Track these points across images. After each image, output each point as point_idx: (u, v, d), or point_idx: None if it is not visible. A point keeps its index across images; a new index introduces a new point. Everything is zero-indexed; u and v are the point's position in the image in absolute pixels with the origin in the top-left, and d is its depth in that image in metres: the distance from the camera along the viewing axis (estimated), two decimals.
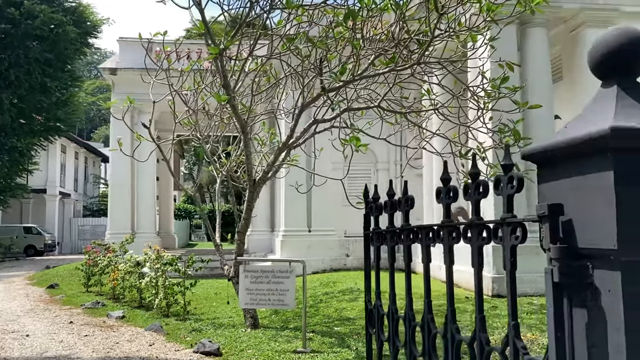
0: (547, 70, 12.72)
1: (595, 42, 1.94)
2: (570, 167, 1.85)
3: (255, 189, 9.36)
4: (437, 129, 10.32)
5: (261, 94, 10.37)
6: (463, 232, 2.43)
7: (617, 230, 1.65)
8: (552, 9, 12.48)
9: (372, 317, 3.48)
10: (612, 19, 12.68)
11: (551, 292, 1.82)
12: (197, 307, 11.23)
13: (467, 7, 8.55)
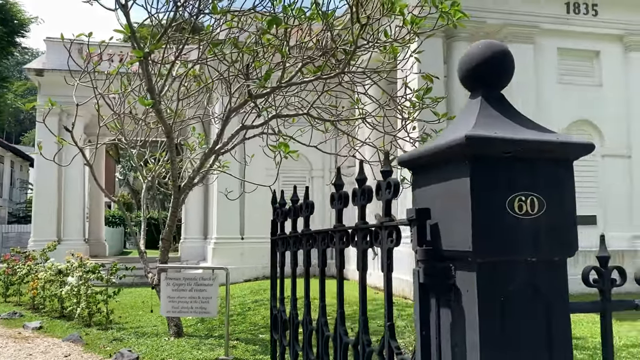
0: None
1: (463, 56, 2.04)
2: (437, 174, 1.93)
3: (180, 195, 9.22)
4: (367, 138, 10.50)
5: (188, 98, 10.27)
6: (351, 236, 2.49)
7: (472, 233, 1.74)
8: (476, 24, 12.96)
9: (277, 323, 3.51)
10: (533, 35, 13.29)
11: (417, 292, 1.89)
12: (122, 316, 10.95)
13: (392, 18, 8.76)
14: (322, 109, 9.59)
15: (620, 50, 14.07)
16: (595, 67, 14.07)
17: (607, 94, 13.91)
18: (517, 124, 1.90)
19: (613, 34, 13.96)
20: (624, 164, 13.86)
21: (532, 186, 1.81)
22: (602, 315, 2.04)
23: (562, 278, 1.85)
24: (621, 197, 13.76)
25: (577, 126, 13.79)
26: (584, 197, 13.65)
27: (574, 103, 13.65)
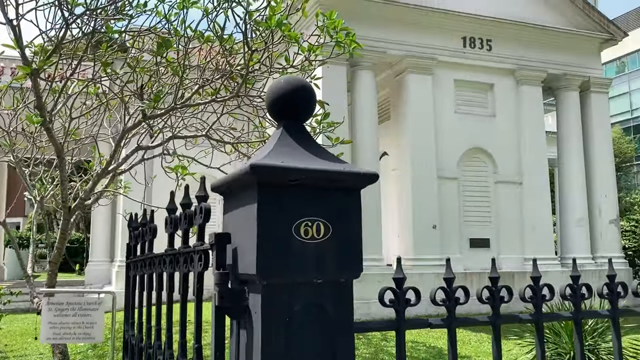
0: (373, 109, 13.61)
1: (267, 90, 2.16)
2: (237, 200, 2.02)
3: (70, 216, 8.90)
4: None
5: (85, 117, 10.00)
6: (176, 260, 2.53)
7: (256, 257, 1.83)
8: (378, 54, 13.45)
9: (127, 347, 3.48)
10: (431, 67, 13.94)
11: (214, 315, 1.96)
12: (8, 345, 10.37)
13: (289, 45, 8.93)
14: (222, 131, 9.60)
15: (512, 84, 15.01)
16: (490, 98, 14.93)
17: (500, 125, 14.77)
18: (311, 154, 2.02)
19: (506, 68, 14.88)
20: (515, 190, 14.69)
21: (318, 212, 1.93)
22: (397, 333, 2.18)
23: (347, 298, 1.97)
24: (513, 222, 14.55)
25: (472, 154, 14.52)
26: (479, 221, 14.34)
27: (469, 132, 14.38)
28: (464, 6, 14.32)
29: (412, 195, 13.54)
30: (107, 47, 8.64)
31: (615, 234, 15.55)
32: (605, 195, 15.42)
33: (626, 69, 45.99)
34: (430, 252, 13.37)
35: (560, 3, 15.47)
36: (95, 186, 9.40)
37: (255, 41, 7.67)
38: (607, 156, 15.76)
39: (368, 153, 13.36)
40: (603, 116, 15.96)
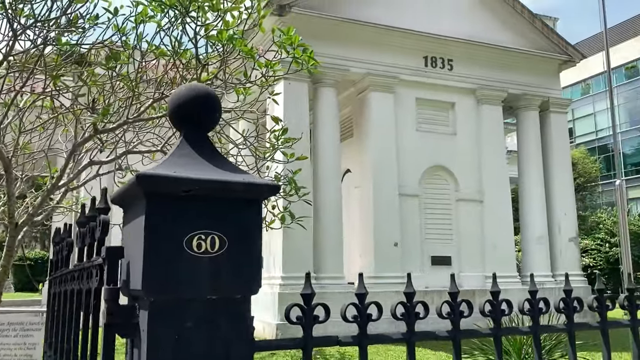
0: (335, 126, 13.63)
1: (171, 96, 2.08)
2: (131, 212, 1.92)
3: (17, 233, 8.63)
4: None
5: (38, 131, 9.76)
6: (80, 275, 2.41)
7: (143, 272, 1.73)
8: (340, 72, 13.50)
9: None
10: (392, 85, 14.05)
11: (104, 333, 1.85)
12: None
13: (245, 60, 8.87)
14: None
15: (473, 103, 15.21)
16: (451, 117, 15.09)
17: (461, 143, 14.92)
18: (210, 164, 1.94)
19: (467, 88, 15.09)
20: (476, 208, 14.81)
21: (213, 225, 1.84)
22: (304, 351, 2.10)
23: (244, 316, 1.87)
24: (474, 239, 14.64)
25: (433, 171, 14.62)
26: (441, 239, 14.39)
27: (430, 150, 14.49)
28: (425, 26, 14.50)
29: (373, 212, 13.53)
30: (59, 59, 8.47)
31: (575, 252, 15.76)
32: (565, 214, 15.64)
33: (591, 90, 47.18)
34: (391, 270, 13.33)
35: (520, 25, 15.79)
36: (44, 202, 9.16)
37: (210, 56, 7.60)
38: (566, 175, 16.02)
39: (329, 170, 13.35)
40: (562, 136, 16.26)
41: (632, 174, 43.01)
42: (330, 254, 13.02)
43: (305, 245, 12.64)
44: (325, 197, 13.20)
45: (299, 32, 13.19)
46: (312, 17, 13.14)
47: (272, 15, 12.86)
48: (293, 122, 12.89)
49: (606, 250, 31.59)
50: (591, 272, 32.28)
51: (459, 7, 15.31)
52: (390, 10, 14.40)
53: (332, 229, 13.16)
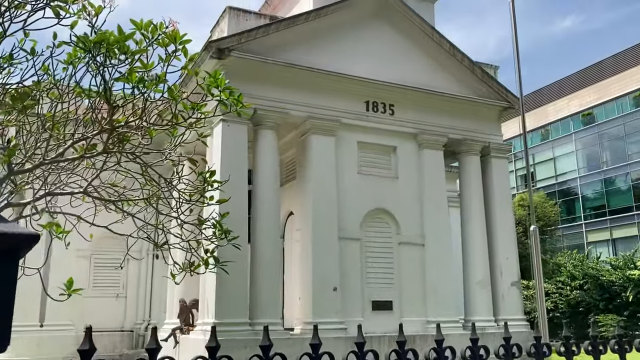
0: (274, 169, 13.62)
1: None
2: None
3: None
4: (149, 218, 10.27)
5: None
6: None
7: None
8: (281, 115, 13.59)
9: None
10: (334, 128, 14.16)
11: None
12: None
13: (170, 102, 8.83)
14: (103, 188, 9.30)
15: (414, 147, 15.39)
16: (393, 160, 15.22)
17: (403, 186, 15.02)
18: None
19: (408, 132, 15.29)
20: (418, 252, 14.80)
21: None
22: None
23: None
24: (416, 283, 14.58)
25: (375, 215, 14.63)
26: (382, 283, 14.31)
27: (372, 193, 14.54)
28: (367, 72, 14.75)
29: (312, 256, 13.40)
30: None
31: (517, 296, 15.77)
32: (507, 258, 15.73)
33: (550, 136, 48.22)
34: (330, 316, 13.14)
35: (461, 72, 16.17)
36: None
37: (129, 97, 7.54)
38: (508, 219, 16.17)
39: (268, 213, 13.25)
40: (503, 180, 16.48)
41: (591, 217, 43.72)
42: (267, 299, 12.79)
43: (240, 290, 12.42)
44: (263, 241, 13.07)
45: (239, 76, 13.42)
46: (253, 61, 13.26)
47: (211, 58, 12.97)
48: (231, 164, 12.90)
49: (567, 293, 31.79)
50: (553, 315, 32.40)
51: (402, 55, 15.64)
52: (336, 56, 14.63)
53: (269, 273, 12.98)
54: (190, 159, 8.72)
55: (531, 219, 10.68)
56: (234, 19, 13.77)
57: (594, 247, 41.79)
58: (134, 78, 7.49)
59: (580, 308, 30.91)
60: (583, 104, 45.74)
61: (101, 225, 9.60)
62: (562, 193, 45.92)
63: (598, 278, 31.19)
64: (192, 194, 9.74)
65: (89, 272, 17.04)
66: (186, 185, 9.85)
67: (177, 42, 8.35)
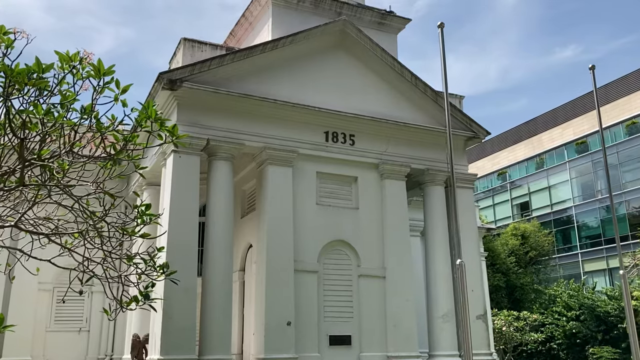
0: (228, 201, 13.45)
1: None
2: None
3: None
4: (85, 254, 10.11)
5: None
6: None
7: None
8: (235, 145, 13.47)
9: None
10: (291, 159, 14.01)
11: None
12: None
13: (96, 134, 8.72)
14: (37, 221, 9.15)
15: (376, 177, 15.19)
16: (353, 191, 15.02)
17: (364, 217, 14.78)
18: None
19: (369, 162, 15.11)
20: (379, 284, 14.47)
21: None
22: None
23: None
24: (376, 317, 14.23)
25: (334, 246, 14.37)
26: (340, 317, 13.99)
27: (331, 224, 14.31)
28: (327, 102, 14.66)
29: (265, 289, 13.12)
30: None
31: (483, 330, 15.33)
32: (472, 290, 15.31)
33: (545, 165, 47.96)
34: (283, 351, 12.79)
35: (424, 103, 16.05)
36: None
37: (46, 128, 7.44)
38: (473, 250, 15.82)
39: (220, 246, 13.02)
40: (468, 211, 16.18)
41: (587, 246, 43.14)
42: (217, 334, 12.49)
43: (188, 324, 12.13)
44: (215, 274, 12.82)
45: (192, 106, 13.29)
46: (206, 92, 13.19)
47: (163, 89, 12.92)
48: (182, 196, 12.74)
49: (563, 324, 31.11)
50: (549, 346, 31.68)
51: (363, 85, 15.57)
52: (295, 87, 14.57)
53: (220, 307, 12.69)
54: (106, 192, 8.55)
55: (456, 253, 10.34)
56: (189, 50, 13.76)
57: (590, 276, 41.14)
58: (39, 110, 7.39)
59: (577, 340, 30.21)
60: (577, 133, 45.59)
61: (44, 259, 9.43)
62: (557, 222, 45.44)
63: (594, 309, 30.54)
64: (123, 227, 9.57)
65: (50, 305, 16.79)
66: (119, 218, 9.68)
67: (101, 74, 8.25)
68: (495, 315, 29.28)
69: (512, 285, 36.91)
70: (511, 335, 28.01)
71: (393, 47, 16.58)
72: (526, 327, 29.30)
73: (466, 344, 8.95)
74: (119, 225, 9.65)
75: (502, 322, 28.18)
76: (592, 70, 13.67)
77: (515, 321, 28.81)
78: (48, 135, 8.32)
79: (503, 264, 37.00)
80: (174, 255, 12.25)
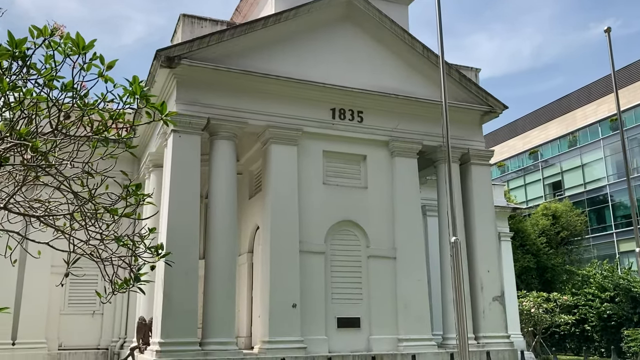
0: (231, 180, 13.10)
1: None
2: None
3: None
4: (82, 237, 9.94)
5: None
6: None
7: None
8: (237, 124, 13.07)
9: None
10: (296, 137, 13.54)
11: None
12: None
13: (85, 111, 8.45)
14: (27, 203, 8.95)
15: (386, 155, 14.61)
16: (362, 170, 14.48)
17: (373, 197, 14.25)
18: None
19: (379, 140, 14.53)
20: (389, 265, 13.98)
21: None
22: None
23: None
24: (386, 299, 13.76)
25: (342, 226, 13.91)
26: (349, 299, 13.59)
27: (339, 204, 13.84)
28: (334, 78, 14.11)
29: (270, 271, 12.76)
30: None
31: (500, 312, 14.67)
32: (488, 271, 14.72)
33: (578, 143, 46.44)
34: (288, 334, 12.46)
35: (437, 75, 15.30)
36: None
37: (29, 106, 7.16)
38: (489, 230, 15.15)
39: (223, 228, 12.69)
40: (484, 189, 15.48)
41: (622, 226, 41.72)
42: (220, 317, 12.21)
43: (190, 308, 11.87)
44: (218, 257, 12.50)
45: (191, 85, 12.84)
46: (206, 69, 12.79)
47: (162, 67, 12.58)
48: (181, 175, 12.44)
49: (597, 305, 30.12)
50: (582, 328, 30.77)
51: (373, 59, 14.94)
52: (299, 63, 14.05)
53: (224, 290, 12.39)
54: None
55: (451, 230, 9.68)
56: (188, 27, 13.36)
57: (625, 257, 39.81)
58: (5, 85, 7.06)
59: (612, 322, 29.23)
60: (612, 109, 43.87)
61: (42, 241, 9.22)
62: (591, 201, 44.03)
63: (629, 290, 29.42)
64: (110, 208, 9.28)
65: (64, 288, 16.77)
66: (111, 200, 9.40)
67: (80, 48, 7.86)
68: (524, 297, 28.51)
69: (543, 266, 35.93)
70: (540, 317, 27.21)
71: (404, 19, 15.83)
72: (556, 309, 28.42)
73: (460, 326, 8.44)
74: (108, 206, 9.36)
75: (530, 304, 27.39)
76: (607, 32, 12.77)
77: (544, 303, 27.95)
78: (30, 113, 8.02)
79: (533, 244, 36.02)
80: (174, 236, 12.00)
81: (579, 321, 30.89)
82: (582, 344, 31.97)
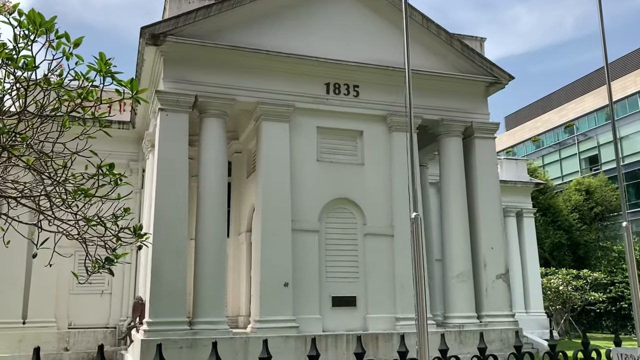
0: (221, 159, 12.91)
1: None
2: None
3: None
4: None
5: None
6: None
7: None
8: (226, 101, 12.84)
9: None
10: (287, 114, 13.23)
11: None
12: None
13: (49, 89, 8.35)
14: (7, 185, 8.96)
15: (383, 130, 14.17)
16: (359, 146, 14.08)
17: (370, 174, 13.87)
18: None
19: (376, 114, 14.08)
20: (387, 243, 13.62)
21: None
22: None
23: None
24: (384, 278, 13.43)
25: (337, 204, 13.60)
26: (344, 277, 13.33)
27: (334, 181, 13.51)
28: (327, 51, 13.69)
29: (261, 250, 12.59)
30: None
31: (504, 290, 14.15)
32: (491, 248, 14.18)
33: (616, 115, 44.64)
34: (280, 313, 12.30)
35: (438, 46, 14.72)
36: None
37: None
38: (493, 205, 14.57)
39: (213, 208, 12.54)
40: (489, 163, 14.86)
41: None
42: (209, 297, 12.12)
43: (178, 287, 11.81)
44: (207, 236, 12.38)
45: (178, 62, 12.60)
46: (192, 45, 12.56)
47: (147, 45, 12.40)
48: (169, 157, 12.31)
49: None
50: (620, 306, 29.80)
51: (368, 30, 14.42)
52: (291, 37, 13.66)
53: (213, 270, 12.29)
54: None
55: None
56: (175, 3, 13.12)
57: None
58: None
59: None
60: None
61: (30, 223, 9.21)
62: (629, 175, 42.38)
63: None
64: (80, 188, 9.19)
65: (73, 268, 16.99)
66: (84, 178, 9.30)
67: (37, 24, 7.65)
68: (553, 274, 27.63)
69: (576, 243, 34.78)
70: (569, 295, 26.27)
71: None
72: (586, 286, 27.41)
73: (420, 307, 8.02)
74: (81, 185, 9.26)
75: (559, 281, 26.48)
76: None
77: (574, 280, 26.99)
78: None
79: (565, 220, 34.86)
80: (163, 215, 11.93)
81: (615, 299, 29.84)
82: (618, 322, 30.95)
